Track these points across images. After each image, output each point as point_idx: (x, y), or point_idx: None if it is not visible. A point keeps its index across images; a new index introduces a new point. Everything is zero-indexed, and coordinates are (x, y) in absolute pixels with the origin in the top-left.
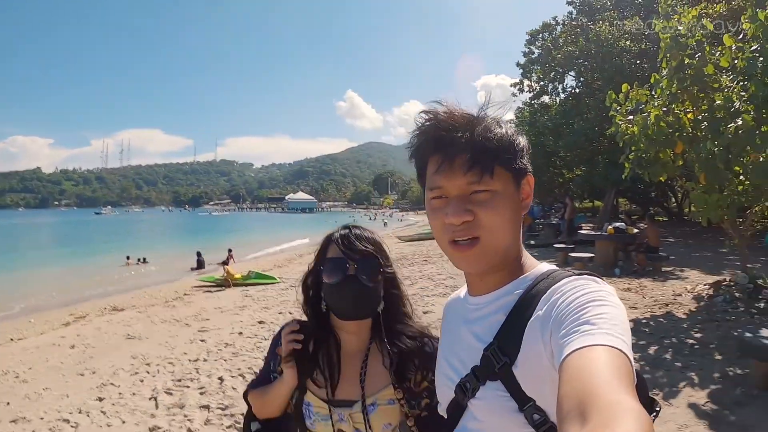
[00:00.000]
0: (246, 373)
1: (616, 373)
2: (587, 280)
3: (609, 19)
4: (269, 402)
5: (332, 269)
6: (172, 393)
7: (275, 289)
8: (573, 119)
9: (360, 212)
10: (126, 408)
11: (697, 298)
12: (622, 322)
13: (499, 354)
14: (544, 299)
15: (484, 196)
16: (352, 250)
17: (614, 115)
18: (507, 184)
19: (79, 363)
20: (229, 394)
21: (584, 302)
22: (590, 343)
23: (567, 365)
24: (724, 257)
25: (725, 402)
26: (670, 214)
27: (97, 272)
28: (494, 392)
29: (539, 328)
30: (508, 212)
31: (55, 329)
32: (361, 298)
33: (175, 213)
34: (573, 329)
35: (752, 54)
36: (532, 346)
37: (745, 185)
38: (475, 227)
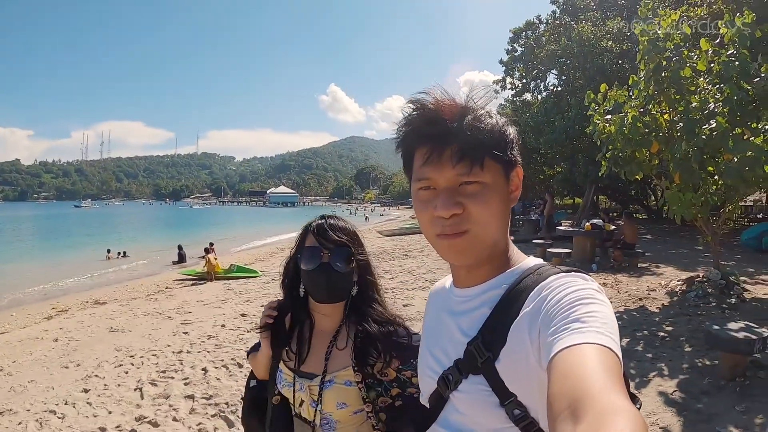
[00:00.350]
0: (229, 364)
1: (607, 372)
2: (575, 277)
3: (592, 19)
4: (256, 365)
5: (308, 257)
6: (157, 384)
7: (257, 283)
8: (554, 117)
9: (342, 206)
10: (112, 399)
11: (671, 293)
12: (611, 321)
13: (483, 349)
14: (532, 296)
15: (474, 188)
16: (326, 239)
17: (592, 114)
18: (497, 176)
19: (63, 356)
20: (213, 384)
21: (573, 300)
22: (580, 341)
23: (557, 363)
24: (699, 254)
25: (693, 392)
26: (650, 212)
27: (78, 266)
28: (476, 386)
29: (526, 325)
30: (498, 205)
31: (37, 323)
32: (334, 284)
33: (156, 206)
34: (562, 327)
35: (728, 58)
36: (517, 343)
37: (718, 185)
38: (464, 221)
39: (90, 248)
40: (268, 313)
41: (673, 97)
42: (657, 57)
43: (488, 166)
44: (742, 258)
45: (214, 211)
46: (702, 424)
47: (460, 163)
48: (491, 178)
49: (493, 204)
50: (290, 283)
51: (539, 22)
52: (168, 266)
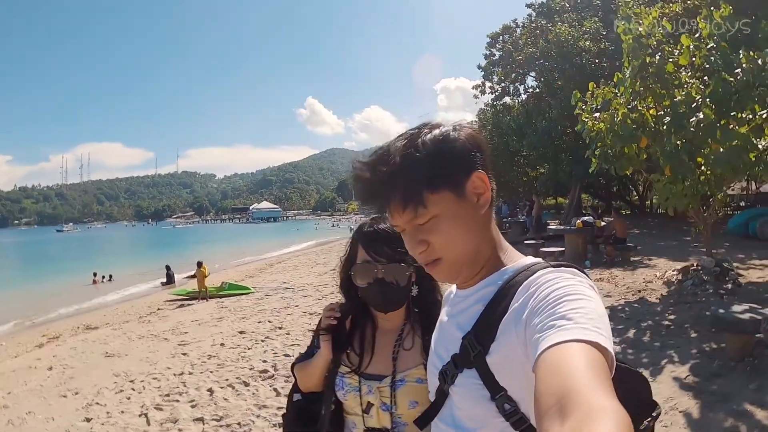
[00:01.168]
0: (235, 383)
1: (593, 370)
2: (563, 272)
3: (568, 21)
4: (309, 374)
5: (361, 274)
6: (162, 408)
7: (250, 299)
8: (536, 119)
9: (325, 219)
10: (117, 427)
11: (668, 283)
12: (599, 316)
13: (475, 342)
14: (520, 291)
15: (430, 224)
16: (378, 254)
17: (580, 113)
18: (447, 202)
19: (60, 384)
20: (221, 405)
21: (559, 296)
22: (566, 339)
23: (543, 361)
24: (688, 245)
25: (705, 375)
26: (632, 207)
27: (65, 291)
28: (470, 380)
29: (513, 320)
30: (459, 227)
31: (29, 351)
32: (391, 296)
33: (139, 227)
34: (548, 324)
35: (708, 52)
36: (506, 338)
37: (707, 175)
38: (432, 252)
39: (75, 273)
40: (329, 314)
41: (659, 93)
42: (641, 54)
43: (431, 201)
44: (730, 245)
45: (198, 229)
46: (719, 404)
47: (405, 210)
48: (441, 208)
49: (452, 230)
50: (348, 286)
51: (516, 26)
52: (157, 287)
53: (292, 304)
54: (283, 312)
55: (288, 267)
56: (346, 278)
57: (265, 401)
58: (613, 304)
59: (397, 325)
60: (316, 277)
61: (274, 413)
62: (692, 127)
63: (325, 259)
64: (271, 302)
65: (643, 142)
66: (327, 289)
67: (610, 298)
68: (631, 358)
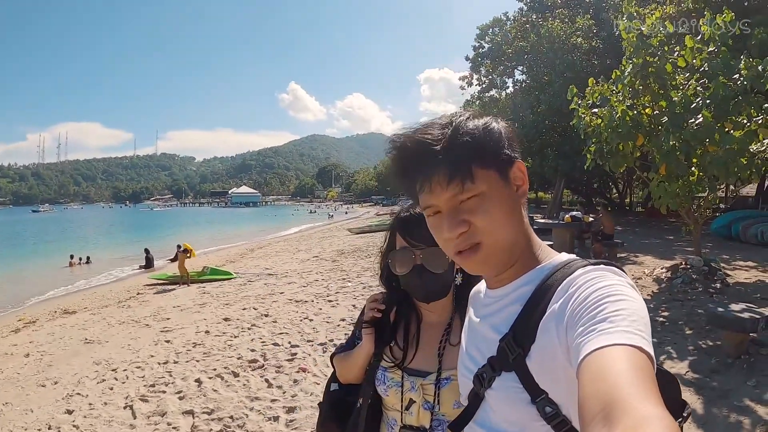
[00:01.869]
0: (223, 373)
1: (639, 375)
2: (603, 271)
3: (560, 17)
4: (349, 366)
5: (400, 261)
6: (148, 400)
7: (233, 285)
8: (523, 113)
9: (304, 205)
10: (100, 420)
11: (657, 281)
12: (641, 318)
13: (514, 345)
14: (560, 291)
15: (473, 203)
16: (415, 238)
17: (575, 108)
18: (493, 182)
19: (38, 373)
20: (211, 396)
21: (600, 297)
22: (609, 343)
23: (586, 366)
24: (672, 243)
25: (704, 371)
26: (612, 204)
27: (40, 274)
28: (508, 383)
29: (554, 322)
30: (503, 209)
31: (4, 336)
32: (432, 284)
33: (116, 209)
34: (590, 328)
35: (709, 55)
36: (546, 340)
37: (699, 176)
38: (473, 235)
39: (51, 255)
40: (374, 306)
41: (657, 92)
42: (643, 53)
43: (480, 176)
44: (714, 246)
45: (176, 213)
46: (720, 400)
47: (450, 184)
48: (487, 186)
49: (496, 211)
50: (389, 278)
51: (506, 19)
52: (135, 271)
53: (277, 291)
54: (268, 299)
55: (269, 253)
56: (387, 268)
57: (257, 393)
58: None
59: (444, 318)
60: (299, 264)
61: (268, 406)
62: (691, 129)
63: (307, 246)
64: (255, 288)
65: (639, 140)
66: (311, 276)
67: None
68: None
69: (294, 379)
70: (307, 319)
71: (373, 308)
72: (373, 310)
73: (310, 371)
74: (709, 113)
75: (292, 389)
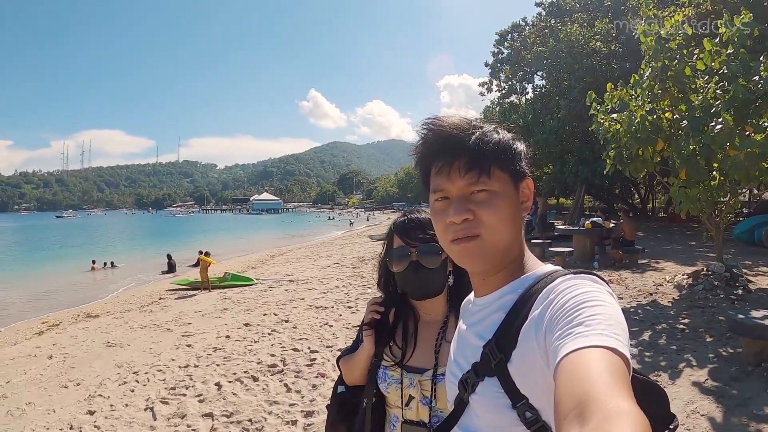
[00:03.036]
0: (243, 377)
1: (613, 374)
2: (583, 279)
3: (579, 21)
4: (353, 367)
5: (397, 258)
6: (168, 402)
7: (254, 291)
8: (543, 118)
9: (325, 212)
10: (121, 421)
11: (678, 287)
12: (617, 322)
13: (496, 350)
14: (540, 299)
15: (484, 196)
16: (410, 237)
17: (595, 113)
18: (505, 185)
19: (61, 374)
20: (230, 400)
21: (578, 303)
22: (585, 345)
23: (562, 368)
24: (694, 249)
25: (724, 379)
26: (635, 210)
27: (64, 278)
28: (491, 388)
29: (534, 328)
30: (508, 212)
31: (28, 339)
32: (427, 280)
33: (138, 215)
34: (567, 331)
35: (728, 57)
36: (526, 345)
37: (720, 180)
38: (475, 225)
39: (75, 260)
40: (373, 308)
41: (676, 96)
42: (662, 56)
43: (496, 176)
44: (736, 251)
45: (198, 219)
46: (739, 408)
47: (469, 173)
48: (500, 187)
49: (502, 210)
50: (387, 282)
51: (525, 24)
52: (158, 276)
53: (297, 297)
54: (288, 305)
55: (290, 259)
56: (384, 272)
57: (275, 397)
58: (626, 306)
59: (439, 317)
60: (320, 270)
61: (286, 410)
62: (711, 132)
63: (328, 252)
64: (276, 294)
65: (659, 144)
66: (331, 282)
67: (621, 300)
68: (649, 361)
69: (313, 384)
70: (327, 325)
71: (373, 310)
72: (372, 312)
73: (328, 376)
74: (729, 116)
75: (310, 394)
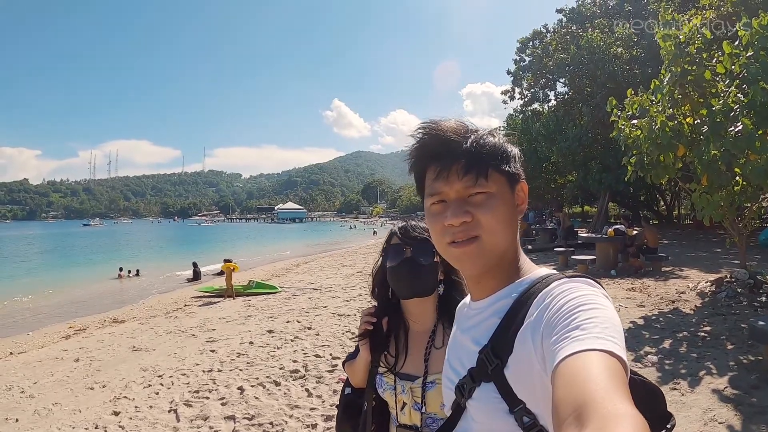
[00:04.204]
0: (265, 382)
1: (610, 377)
2: (578, 283)
3: (600, 27)
4: (354, 372)
5: (393, 255)
6: (192, 405)
7: (278, 299)
8: (566, 125)
9: (349, 221)
10: (146, 422)
11: (701, 295)
12: (613, 324)
13: (492, 356)
14: (536, 303)
15: (481, 198)
16: (408, 236)
17: (615, 120)
18: (502, 187)
19: (87, 376)
20: (252, 404)
21: (573, 306)
22: (581, 349)
23: (560, 372)
24: (719, 256)
25: (743, 387)
26: (660, 217)
27: (91, 285)
28: (488, 393)
29: (530, 333)
30: (505, 213)
31: (55, 342)
32: (417, 277)
33: (165, 224)
34: (564, 335)
35: (748, 60)
36: (523, 350)
37: (742, 185)
38: (473, 227)
39: (101, 267)
40: (366, 319)
41: (697, 101)
42: (681, 61)
43: (493, 178)
44: (762, 258)
45: (223, 228)
46: (758, 416)
47: (466, 175)
48: (497, 188)
49: (500, 212)
50: (381, 291)
51: (546, 31)
52: (183, 283)
53: (320, 305)
54: (312, 312)
55: (314, 268)
56: (378, 281)
57: (297, 401)
58: (647, 314)
59: (428, 326)
60: (343, 279)
61: (307, 414)
62: (731, 137)
63: (351, 261)
64: (299, 302)
65: (680, 150)
66: (354, 291)
67: (643, 308)
68: (669, 369)
69: (334, 389)
70: (349, 332)
71: (366, 321)
72: (365, 323)
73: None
74: (748, 120)
75: (331, 399)
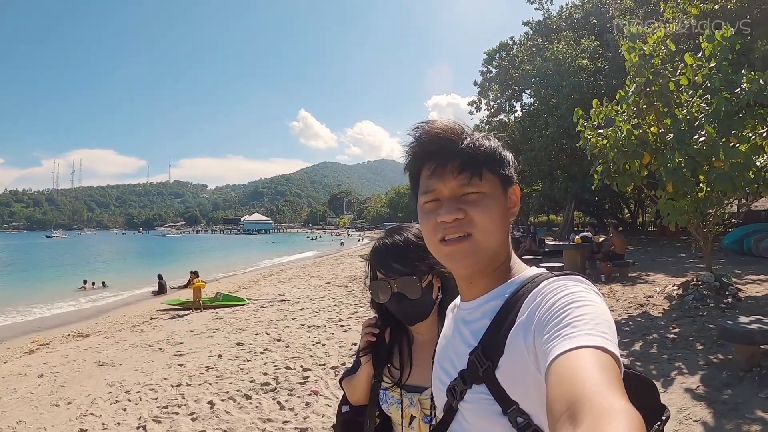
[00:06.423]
0: (236, 396)
1: (604, 373)
2: (568, 280)
3: (565, 39)
4: (354, 388)
5: (378, 292)
6: (161, 421)
7: (246, 311)
8: (532, 136)
9: (315, 232)
10: None
11: (668, 298)
12: (604, 321)
13: (483, 358)
14: (527, 303)
15: (475, 197)
16: (389, 270)
17: (581, 129)
18: (495, 188)
19: (52, 393)
20: (224, 418)
21: (564, 304)
22: (574, 346)
23: (553, 370)
24: (684, 261)
25: (715, 385)
26: (625, 224)
27: (54, 297)
28: (480, 395)
29: (522, 332)
30: (497, 213)
31: (18, 357)
32: (412, 309)
33: (129, 236)
34: (556, 333)
35: (710, 71)
36: (515, 351)
37: (706, 191)
38: (466, 224)
39: (65, 279)
40: (368, 331)
41: (661, 110)
42: (646, 72)
43: (487, 178)
44: (726, 261)
45: (189, 239)
46: (731, 412)
47: (461, 174)
48: (490, 189)
49: (493, 211)
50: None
51: (513, 44)
52: (149, 296)
53: (289, 317)
54: (281, 324)
55: (282, 279)
56: None
57: (269, 415)
58: (617, 318)
59: (432, 335)
60: (312, 290)
61: (280, 427)
62: (696, 145)
63: (319, 272)
64: (267, 314)
65: (646, 158)
66: (323, 302)
67: (612, 313)
68: (640, 370)
69: (306, 401)
70: (319, 343)
71: (368, 332)
72: (368, 335)
73: (321, 394)
74: (712, 129)
75: (304, 411)
